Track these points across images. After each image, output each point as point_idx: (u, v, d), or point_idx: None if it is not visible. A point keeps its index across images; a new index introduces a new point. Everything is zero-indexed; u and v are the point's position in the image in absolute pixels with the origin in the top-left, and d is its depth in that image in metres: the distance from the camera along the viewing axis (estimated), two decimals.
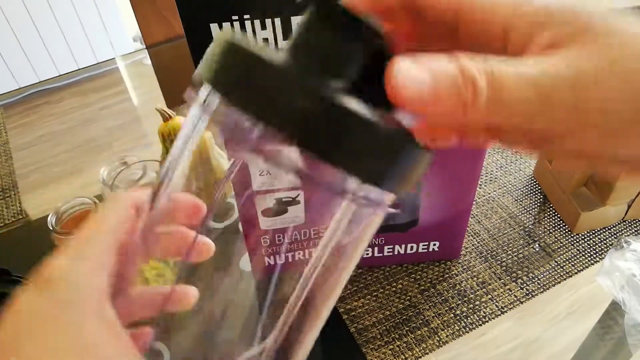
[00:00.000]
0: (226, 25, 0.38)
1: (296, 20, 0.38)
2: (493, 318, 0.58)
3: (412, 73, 0.16)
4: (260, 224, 0.45)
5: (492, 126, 0.16)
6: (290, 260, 0.60)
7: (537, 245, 0.66)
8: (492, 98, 0.15)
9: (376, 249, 0.60)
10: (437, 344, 0.56)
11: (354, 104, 0.17)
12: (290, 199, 0.41)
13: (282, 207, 0.43)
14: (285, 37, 0.39)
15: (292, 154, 0.18)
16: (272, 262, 0.61)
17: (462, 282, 0.62)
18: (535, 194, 0.72)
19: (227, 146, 0.46)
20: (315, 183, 0.19)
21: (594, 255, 0.64)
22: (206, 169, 0.65)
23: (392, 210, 0.20)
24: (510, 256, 0.64)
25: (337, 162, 0.17)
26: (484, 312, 0.58)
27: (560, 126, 0.16)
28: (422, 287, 0.61)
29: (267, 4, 0.37)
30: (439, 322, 0.58)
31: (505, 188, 0.73)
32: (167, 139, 0.64)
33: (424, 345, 0.56)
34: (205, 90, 0.19)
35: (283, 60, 0.18)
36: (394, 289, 0.61)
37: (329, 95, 0.17)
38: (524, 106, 0.15)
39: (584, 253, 0.64)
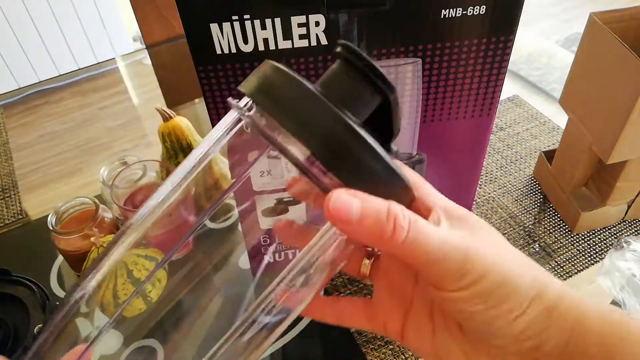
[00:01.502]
0: (226, 25, 0.38)
1: (296, 21, 0.38)
2: None
3: (343, 198, 0.20)
4: (260, 224, 0.45)
5: (400, 258, 0.21)
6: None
7: (537, 245, 0.65)
8: (409, 238, 0.20)
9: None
10: None
11: (365, 134, 0.21)
12: (292, 199, 0.42)
13: (282, 207, 0.43)
14: (285, 38, 0.39)
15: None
16: (272, 262, 0.61)
17: None
18: (535, 194, 0.72)
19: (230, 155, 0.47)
20: (315, 182, 0.22)
21: (594, 255, 0.64)
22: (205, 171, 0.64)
23: None
24: None
25: (341, 175, 0.21)
26: None
27: (447, 277, 0.21)
28: None
29: (267, 4, 0.37)
30: None
31: (505, 188, 0.73)
32: (167, 138, 0.64)
33: None
34: (244, 100, 0.24)
35: (315, 88, 0.23)
36: None
37: (348, 122, 0.21)
38: (429, 254, 0.20)
39: (584, 253, 0.64)
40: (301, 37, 0.39)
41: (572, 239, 0.66)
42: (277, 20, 0.38)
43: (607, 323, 0.21)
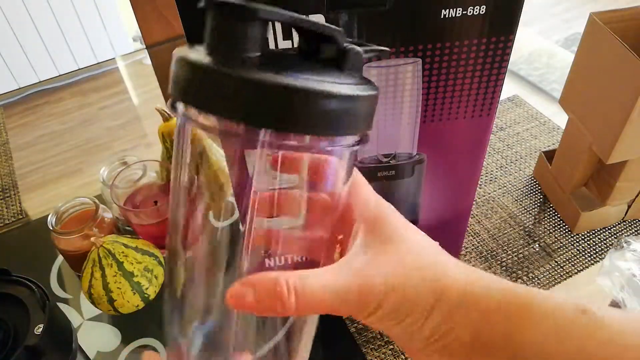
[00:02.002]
0: None
1: None
2: None
3: (237, 291, 0.22)
4: (260, 224, 0.45)
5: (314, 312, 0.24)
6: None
7: (537, 245, 0.65)
8: (301, 305, 0.22)
9: None
10: None
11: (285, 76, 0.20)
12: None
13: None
14: (285, 38, 0.39)
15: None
16: (271, 264, 0.60)
17: None
18: (535, 194, 0.72)
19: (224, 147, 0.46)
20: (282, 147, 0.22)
21: (594, 255, 0.64)
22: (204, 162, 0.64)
23: (358, 146, 0.24)
24: (510, 256, 0.64)
25: (277, 127, 0.21)
26: None
27: (352, 312, 0.24)
28: None
29: (266, 5, 0.37)
30: None
31: (505, 188, 0.73)
32: (167, 138, 0.64)
33: None
34: (178, 104, 0.23)
35: (204, 56, 0.22)
36: None
37: (247, 74, 0.20)
38: (327, 304, 0.23)
39: (584, 253, 0.64)
40: None
41: (572, 239, 0.66)
42: (278, 24, 0.38)
43: (511, 310, 0.23)
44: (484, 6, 0.38)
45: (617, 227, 0.67)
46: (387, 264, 0.24)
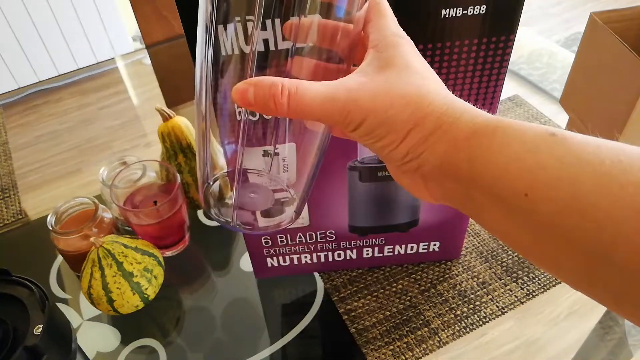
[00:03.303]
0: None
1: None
2: (493, 318, 0.58)
3: (240, 88, 0.26)
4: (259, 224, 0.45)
5: (309, 119, 0.28)
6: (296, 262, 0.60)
7: None
8: (292, 107, 0.25)
9: (376, 249, 0.60)
10: (438, 345, 0.56)
11: None
12: (288, 199, 0.42)
13: (279, 207, 0.43)
14: (285, 38, 0.39)
15: None
16: (275, 264, 0.61)
17: (462, 282, 0.62)
18: None
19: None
20: None
21: None
22: (190, 159, 0.64)
23: None
24: (510, 256, 0.64)
25: None
26: (485, 313, 0.58)
27: (337, 124, 0.27)
28: (423, 288, 0.61)
29: (267, 5, 0.37)
30: (440, 322, 0.58)
31: None
32: (167, 138, 0.64)
33: (424, 346, 0.56)
34: None
35: None
36: (394, 289, 0.61)
37: None
38: (314, 113, 0.26)
39: None
40: None
41: None
42: (277, 21, 0.38)
43: (477, 138, 0.25)
44: (484, 6, 0.38)
45: None
46: (378, 86, 0.26)
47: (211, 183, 0.32)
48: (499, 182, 0.23)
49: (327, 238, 0.57)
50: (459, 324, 0.58)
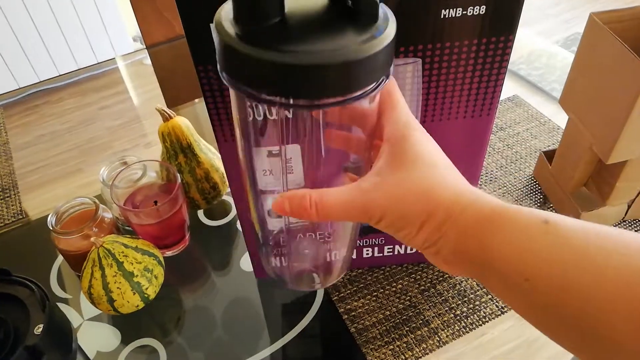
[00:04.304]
0: None
1: None
2: (493, 318, 0.58)
3: (277, 201, 0.31)
4: (268, 225, 0.45)
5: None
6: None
7: None
8: (320, 214, 0.30)
9: (376, 249, 0.60)
10: (437, 344, 0.56)
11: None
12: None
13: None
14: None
15: None
16: (277, 264, 0.60)
17: (462, 282, 0.62)
18: (535, 194, 0.72)
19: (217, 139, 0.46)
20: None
21: None
22: (190, 159, 0.64)
23: (381, 85, 0.27)
24: None
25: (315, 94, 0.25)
26: (484, 312, 0.58)
27: (361, 221, 0.31)
28: (422, 287, 0.61)
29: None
30: (439, 322, 0.58)
31: (505, 188, 0.73)
32: (167, 138, 0.64)
33: (424, 346, 0.56)
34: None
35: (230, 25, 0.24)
36: (394, 289, 0.61)
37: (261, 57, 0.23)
38: (339, 216, 0.30)
39: None
40: None
41: None
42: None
43: (484, 226, 0.28)
44: (484, 6, 0.38)
45: (617, 227, 0.67)
46: (391, 185, 0.30)
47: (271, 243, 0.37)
48: (504, 268, 0.27)
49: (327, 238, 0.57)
50: (459, 323, 0.58)
